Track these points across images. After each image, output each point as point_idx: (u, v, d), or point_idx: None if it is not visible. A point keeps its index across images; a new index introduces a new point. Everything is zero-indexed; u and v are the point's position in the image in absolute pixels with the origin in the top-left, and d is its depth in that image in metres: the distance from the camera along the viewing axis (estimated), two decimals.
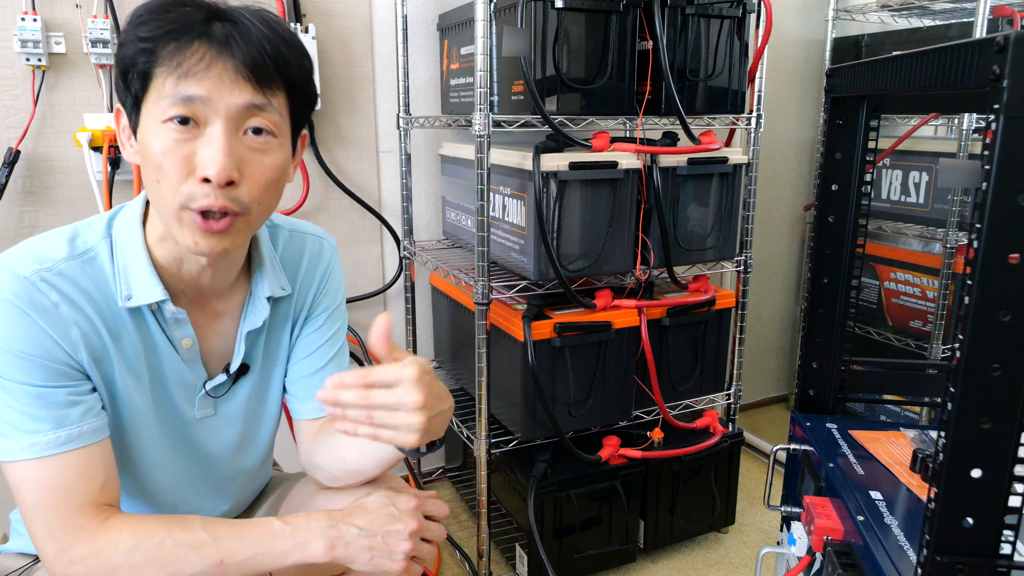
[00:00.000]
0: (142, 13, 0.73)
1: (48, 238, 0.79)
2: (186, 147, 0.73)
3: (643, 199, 1.48)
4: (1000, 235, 0.56)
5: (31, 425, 0.74)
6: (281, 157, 0.78)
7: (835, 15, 2.22)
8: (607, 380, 1.53)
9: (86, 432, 0.76)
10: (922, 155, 2.02)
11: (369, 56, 1.77)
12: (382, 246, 1.88)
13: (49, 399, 0.75)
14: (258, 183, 0.76)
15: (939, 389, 1.01)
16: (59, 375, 0.76)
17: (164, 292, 0.81)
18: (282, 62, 0.75)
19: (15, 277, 0.74)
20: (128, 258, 0.80)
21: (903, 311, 2.12)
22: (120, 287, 0.79)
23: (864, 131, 0.94)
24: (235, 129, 0.74)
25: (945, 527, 0.61)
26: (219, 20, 0.74)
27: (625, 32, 1.42)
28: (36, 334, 0.74)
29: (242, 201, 0.75)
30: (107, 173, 1.45)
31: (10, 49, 1.42)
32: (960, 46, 0.62)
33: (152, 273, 0.80)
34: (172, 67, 0.71)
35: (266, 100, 0.75)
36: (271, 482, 1.08)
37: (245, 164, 0.75)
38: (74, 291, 0.77)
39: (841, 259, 0.97)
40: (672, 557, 1.71)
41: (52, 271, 0.76)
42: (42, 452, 0.74)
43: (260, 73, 0.74)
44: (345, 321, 1.01)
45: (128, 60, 0.73)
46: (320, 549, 0.78)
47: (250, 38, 0.73)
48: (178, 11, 0.73)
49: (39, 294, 0.74)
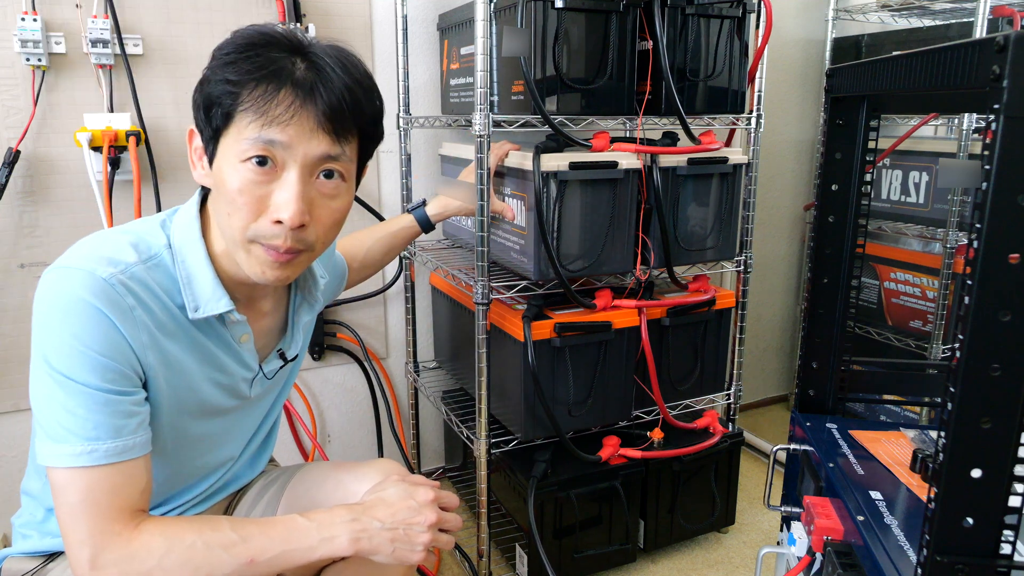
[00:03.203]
0: (230, 52, 0.76)
1: (110, 241, 0.81)
2: (261, 188, 0.76)
3: (643, 199, 1.48)
4: (1000, 235, 0.56)
5: (91, 432, 0.74)
6: (348, 199, 0.84)
7: (835, 15, 2.22)
8: (607, 380, 1.53)
9: (139, 444, 0.78)
10: (922, 155, 2.02)
11: (369, 56, 1.77)
12: None
13: (114, 407, 0.76)
14: (325, 225, 0.82)
15: (939, 389, 1.01)
16: (127, 381, 0.77)
17: (231, 303, 0.85)
18: (358, 111, 0.79)
19: (94, 278, 0.75)
20: (192, 270, 0.83)
21: (903, 311, 2.12)
22: (187, 298, 0.83)
23: (864, 131, 0.94)
24: (309, 175, 0.78)
25: (945, 527, 0.61)
26: (302, 58, 0.77)
27: (625, 32, 1.42)
28: (114, 336, 0.76)
29: (308, 240, 0.81)
30: (107, 173, 1.45)
31: (10, 49, 1.42)
32: (960, 46, 0.62)
33: (218, 285, 0.84)
34: (257, 113, 0.74)
35: (341, 150, 0.79)
36: (271, 475, 1.10)
37: (315, 207, 0.79)
38: (147, 295, 0.79)
39: (841, 259, 0.97)
40: (672, 557, 1.71)
41: (126, 274, 0.78)
42: (98, 461, 0.74)
43: (338, 124, 0.77)
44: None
45: (213, 98, 0.76)
46: (345, 543, 0.80)
47: (332, 87, 0.76)
48: (266, 55, 0.76)
49: (118, 296, 0.76)
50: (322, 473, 1.05)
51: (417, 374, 1.90)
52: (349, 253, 1.30)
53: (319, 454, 1.86)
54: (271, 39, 0.77)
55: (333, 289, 1.24)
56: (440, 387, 1.87)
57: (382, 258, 1.37)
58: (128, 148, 1.46)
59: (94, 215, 1.52)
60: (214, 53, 0.78)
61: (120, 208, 1.53)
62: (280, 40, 0.77)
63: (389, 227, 1.38)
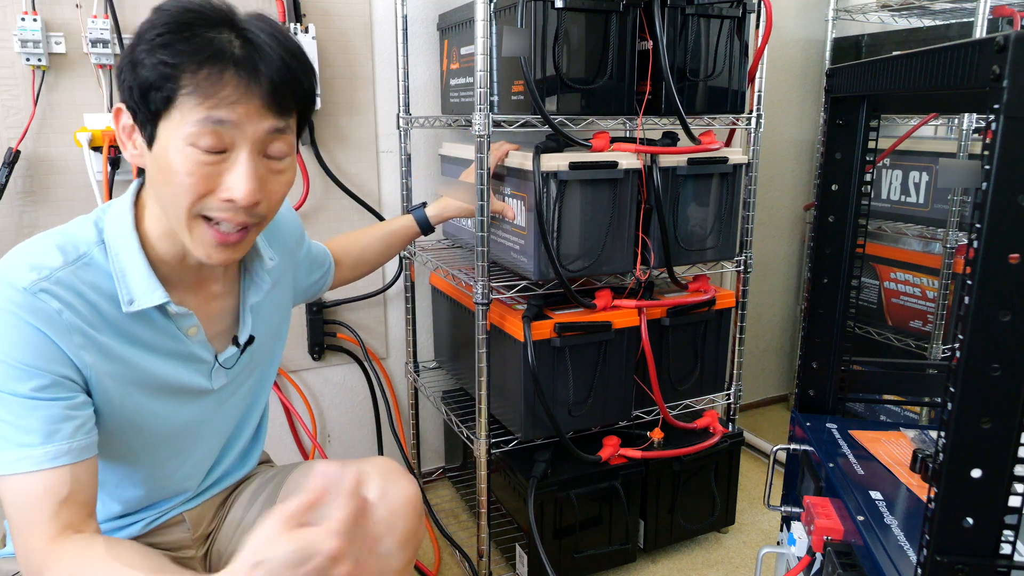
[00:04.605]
0: (162, 32, 0.73)
1: (37, 246, 0.80)
2: (210, 168, 0.76)
3: (643, 199, 1.48)
4: (1000, 235, 0.56)
5: (24, 438, 0.74)
6: (294, 171, 0.84)
7: (835, 15, 2.22)
8: (607, 380, 1.53)
9: (75, 449, 0.76)
10: (922, 155, 2.02)
11: (369, 56, 1.77)
12: None
13: (43, 411, 0.75)
14: (274, 198, 0.82)
15: (939, 389, 1.01)
16: (56, 386, 0.76)
17: (165, 295, 0.83)
18: (297, 85, 0.79)
19: (13, 288, 0.74)
20: (125, 263, 0.82)
21: (903, 311, 2.12)
22: (122, 292, 0.81)
23: (864, 131, 0.94)
24: (259, 153, 0.78)
25: (945, 527, 0.61)
26: (234, 32, 0.75)
27: (625, 32, 1.42)
28: (39, 341, 0.75)
29: (259, 215, 0.81)
30: (107, 173, 1.45)
31: (10, 49, 1.42)
32: (960, 46, 0.62)
33: (151, 277, 0.82)
34: (202, 96, 0.73)
35: (286, 124, 0.79)
36: (268, 474, 1.10)
37: (265, 184, 0.79)
38: (73, 297, 0.78)
39: (841, 259, 0.97)
40: (672, 557, 1.71)
41: (50, 280, 0.76)
42: (31, 467, 0.73)
43: (282, 99, 0.77)
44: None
45: (151, 81, 0.73)
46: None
47: (272, 64, 0.76)
48: (201, 34, 0.73)
49: (40, 302, 0.75)
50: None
51: (417, 374, 1.90)
52: (343, 249, 1.30)
53: (319, 454, 1.86)
54: (199, 14, 0.75)
55: (317, 281, 1.22)
56: (440, 387, 1.87)
57: (378, 257, 1.37)
58: None
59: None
60: (142, 32, 0.75)
61: None
62: (208, 14, 0.75)
63: (388, 226, 1.38)
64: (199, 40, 0.73)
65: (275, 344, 1.07)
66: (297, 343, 1.81)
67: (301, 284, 1.17)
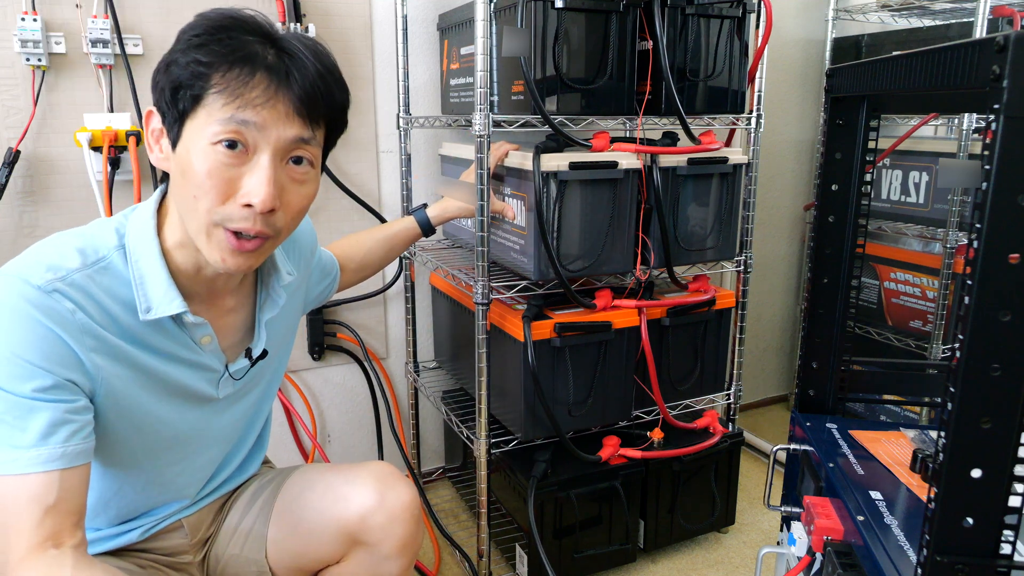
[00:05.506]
0: (200, 33, 0.74)
1: (57, 246, 0.79)
2: (231, 171, 0.75)
3: (643, 199, 1.48)
4: (1000, 235, 0.56)
5: (18, 439, 0.72)
6: (315, 185, 0.84)
7: (835, 15, 2.22)
8: (607, 380, 1.53)
9: (69, 454, 0.75)
10: (922, 155, 2.02)
11: (369, 56, 1.77)
12: None
13: (42, 413, 0.73)
14: (293, 210, 0.81)
15: (939, 389, 1.01)
16: (59, 388, 0.75)
17: (184, 304, 0.83)
18: (330, 98, 0.79)
19: (28, 285, 0.74)
20: (144, 269, 0.82)
21: (903, 311, 2.12)
22: (139, 299, 0.81)
23: (864, 131, 0.94)
24: (281, 159, 0.78)
25: (945, 527, 0.61)
26: (274, 47, 0.76)
27: (625, 32, 1.42)
28: (48, 340, 0.74)
29: (276, 226, 0.80)
30: (107, 173, 1.45)
31: (10, 49, 1.42)
32: (960, 46, 0.62)
33: (171, 286, 0.82)
34: (231, 95, 0.73)
35: (312, 135, 0.79)
36: (266, 477, 1.10)
37: (284, 192, 0.79)
38: (87, 300, 0.77)
39: (841, 259, 0.97)
40: (672, 557, 1.71)
41: (65, 281, 0.76)
42: (20, 469, 0.72)
43: (312, 109, 0.77)
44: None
45: (182, 80, 0.74)
46: None
47: (306, 73, 0.76)
48: (238, 37, 0.74)
49: (53, 301, 0.74)
50: (314, 476, 1.05)
51: (417, 374, 1.90)
52: (347, 254, 1.30)
53: (319, 454, 1.86)
54: (240, 22, 0.76)
55: (324, 289, 1.23)
56: (440, 387, 1.87)
57: (381, 260, 1.37)
58: (128, 148, 1.46)
59: (94, 215, 1.51)
60: (180, 35, 0.76)
61: (120, 208, 1.52)
62: (249, 23, 0.76)
63: (389, 229, 1.38)
64: (234, 42, 0.74)
65: (283, 355, 1.07)
66: (297, 343, 1.81)
67: (311, 293, 1.17)
